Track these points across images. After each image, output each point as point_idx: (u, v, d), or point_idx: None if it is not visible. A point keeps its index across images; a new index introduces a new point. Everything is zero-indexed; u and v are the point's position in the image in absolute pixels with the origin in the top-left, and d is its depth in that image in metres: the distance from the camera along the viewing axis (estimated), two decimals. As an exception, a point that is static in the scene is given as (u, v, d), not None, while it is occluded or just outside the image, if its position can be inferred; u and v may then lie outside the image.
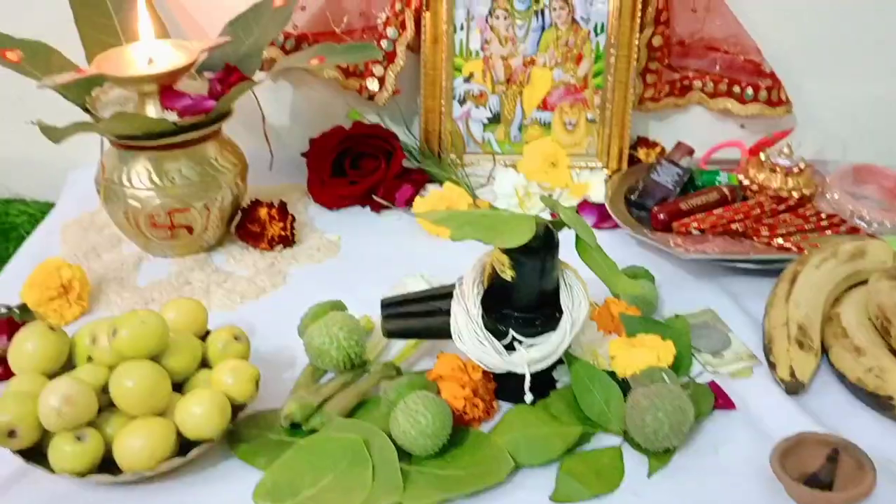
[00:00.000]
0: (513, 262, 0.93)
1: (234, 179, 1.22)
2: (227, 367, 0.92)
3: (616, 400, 0.96)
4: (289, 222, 1.26)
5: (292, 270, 1.23)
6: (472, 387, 0.95)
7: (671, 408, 0.90)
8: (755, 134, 1.51)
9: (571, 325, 0.94)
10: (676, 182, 1.37)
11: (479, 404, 0.95)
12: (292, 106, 1.51)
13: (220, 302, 1.15)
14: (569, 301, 0.95)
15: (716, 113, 1.52)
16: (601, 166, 1.44)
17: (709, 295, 1.19)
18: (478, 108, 1.43)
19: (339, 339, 0.98)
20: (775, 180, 1.33)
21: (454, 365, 0.96)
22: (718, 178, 1.39)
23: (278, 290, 1.19)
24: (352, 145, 1.38)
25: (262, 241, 1.25)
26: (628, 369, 0.98)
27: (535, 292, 0.95)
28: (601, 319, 1.06)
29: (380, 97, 1.43)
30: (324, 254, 1.27)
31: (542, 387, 0.98)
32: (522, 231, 0.90)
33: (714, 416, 0.99)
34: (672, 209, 1.31)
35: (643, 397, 0.92)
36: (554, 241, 0.94)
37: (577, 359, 0.98)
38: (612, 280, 0.92)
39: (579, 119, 1.44)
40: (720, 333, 1.11)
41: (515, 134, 1.45)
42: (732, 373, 1.05)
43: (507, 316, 0.95)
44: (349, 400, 0.96)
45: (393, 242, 1.30)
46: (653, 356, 0.97)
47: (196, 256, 1.24)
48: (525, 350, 0.93)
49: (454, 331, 0.95)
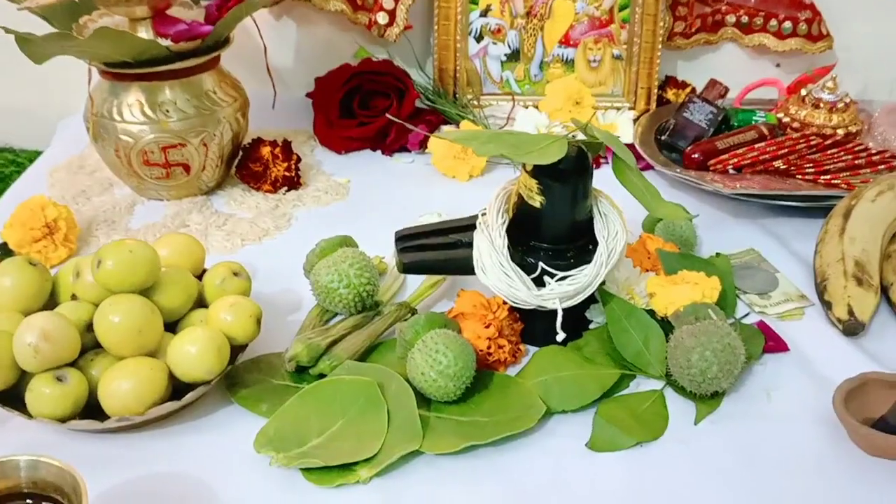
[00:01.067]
0: (542, 188, 0.83)
1: (233, 114, 1.12)
2: (226, 304, 0.82)
3: (656, 340, 0.86)
4: (293, 162, 1.17)
5: (298, 213, 1.14)
6: (496, 326, 0.86)
7: (720, 346, 0.81)
8: (790, 74, 1.41)
9: (608, 257, 0.84)
10: (710, 121, 1.27)
11: (504, 345, 0.86)
12: (296, 45, 1.42)
13: (219, 244, 1.06)
14: (604, 231, 0.86)
15: (749, 51, 1.42)
16: (628, 107, 1.34)
17: (751, 236, 1.09)
18: (495, 45, 1.33)
19: (349, 276, 0.89)
20: (818, 117, 1.23)
21: (477, 302, 0.87)
22: (755, 117, 1.29)
23: (283, 233, 1.10)
24: (360, 83, 1.28)
25: (266, 182, 1.16)
26: (669, 307, 0.88)
27: (567, 222, 0.86)
28: (636, 256, 0.96)
29: (390, 33, 1.33)
30: (331, 196, 1.17)
31: (575, 327, 0.88)
32: (553, 150, 0.80)
33: (764, 360, 0.89)
34: (707, 148, 1.21)
35: (688, 335, 0.82)
36: (587, 163, 0.84)
37: (613, 296, 0.88)
38: (654, 205, 0.82)
39: (604, 56, 1.34)
40: (766, 273, 1.01)
41: (536, 72, 1.35)
42: (782, 314, 0.95)
43: (536, 248, 0.86)
44: (361, 342, 0.87)
45: (406, 186, 1.21)
46: (697, 292, 0.88)
47: (194, 199, 1.15)
48: (556, 284, 0.84)
49: (477, 264, 0.85)
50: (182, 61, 1.05)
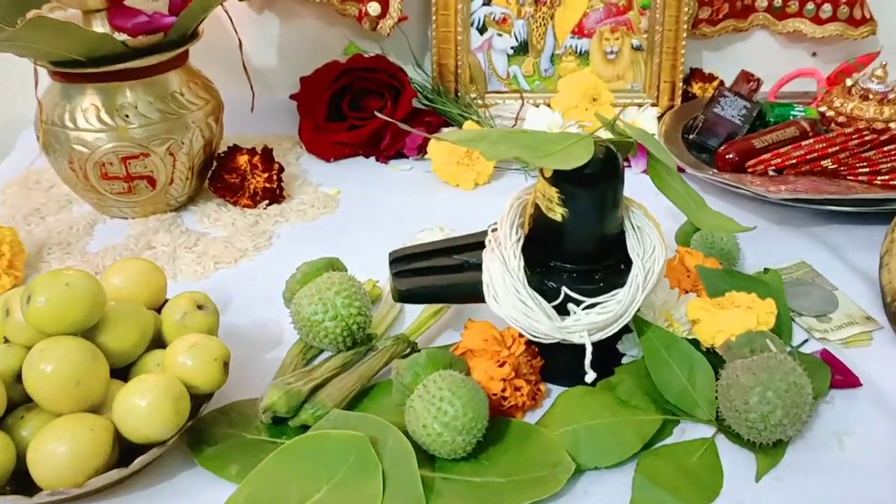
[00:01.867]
0: (563, 197, 0.69)
1: (204, 119, 0.98)
2: (185, 345, 0.68)
3: (704, 376, 0.72)
4: (275, 172, 1.03)
5: (280, 230, 1.00)
6: (512, 364, 0.71)
7: (784, 386, 0.67)
8: (828, 63, 1.27)
9: (644, 279, 0.70)
10: (745, 117, 1.13)
11: (522, 387, 0.72)
12: (280, 42, 1.28)
13: (188, 269, 0.92)
14: (638, 247, 0.71)
15: (782, 38, 1.28)
16: (650, 102, 1.20)
17: (799, 247, 0.96)
18: (501, 37, 1.19)
19: (335, 306, 0.75)
20: (868, 109, 1.09)
21: (488, 335, 0.73)
22: (794, 111, 1.16)
23: (262, 254, 0.96)
24: (350, 82, 1.14)
25: (243, 195, 1.02)
26: (718, 336, 0.74)
27: (594, 237, 0.71)
28: (673, 275, 0.82)
29: (383, 25, 1.19)
30: (319, 210, 1.03)
31: (604, 362, 0.74)
32: (578, 151, 0.66)
33: (832, 397, 0.75)
34: (743, 147, 1.07)
35: (744, 372, 0.68)
36: (618, 167, 0.70)
37: (650, 324, 0.74)
38: (700, 215, 0.68)
39: (623, 46, 1.20)
40: (823, 291, 0.87)
41: (546, 66, 1.21)
42: (846, 340, 0.81)
43: (558, 269, 0.72)
44: (351, 385, 0.73)
45: (403, 197, 1.07)
46: (750, 318, 0.74)
47: (162, 216, 1.01)
48: (583, 313, 0.70)
49: (487, 290, 0.71)
50: (143, 58, 0.92)
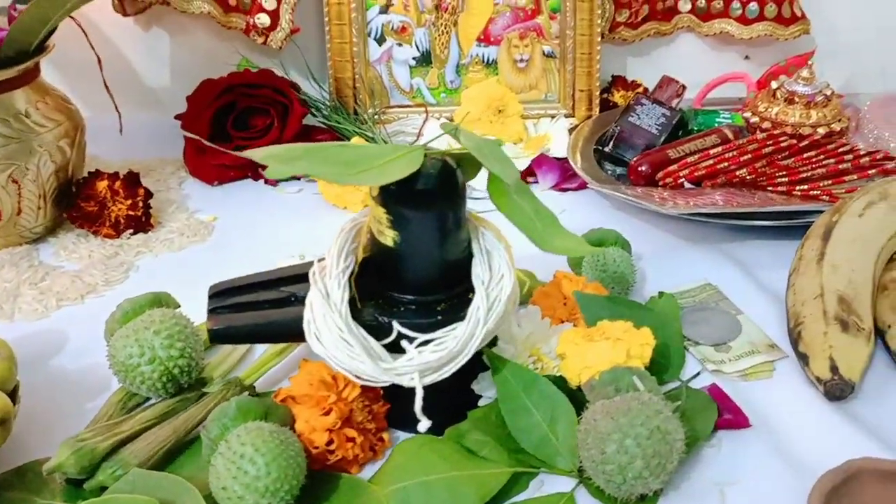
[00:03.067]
0: (393, 219, 0.60)
1: (55, 142, 0.90)
2: (-45, 399, 0.59)
3: (567, 421, 0.63)
4: (140, 198, 0.94)
5: (142, 262, 0.91)
6: (341, 412, 0.62)
7: (645, 431, 0.57)
8: (762, 66, 1.18)
9: (487, 311, 0.61)
10: (662, 126, 1.04)
11: (355, 438, 0.62)
12: (172, 60, 1.20)
13: (28, 307, 0.83)
14: (485, 274, 0.62)
15: (711, 40, 1.19)
16: (564, 114, 1.11)
17: (710, 266, 0.86)
18: (401, 47, 1.11)
19: (153, 347, 0.66)
20: (794, 114, 1.00)
21: (317, 378, 0.63)
22: (719, 118, 1.07)
23: (114, 289, 0.87)
24: (234, 99, 1.06)
25: (103, 224, 0.93)
26: (584, 373, 0.64)
27: (434, 263, 0.62)
28: (548, 303, 0.73)
29: (274, 38, 1.10)
30: (188, 239, 0.94)
31: (457, 405, 0.65)
32: (400, 166, 0.57)
33: (718, 439, 0.65)
34: (657, 158, 0.98)
35: (603, 416, 0.58)
36: (456, 183, 0.61)
37: (506, 362, 0.65)
38: (546, 237, 0.59)
39: (534, 54, 1.11)
40: (726, 316, 0.77)
41: (452, 77, 1.12)
42: (745, 372, 0.71)
43: (395, 302, 0.63)
44: (163, 439, 0.64)
45: (286, 222, 0.98)
46: (619, 351, 0.64)
47: (14, 250, 0.92)
48: (416, 351, 0.60)
49: (309, 327, 0.62)
50: (-25, 77, 0.84)
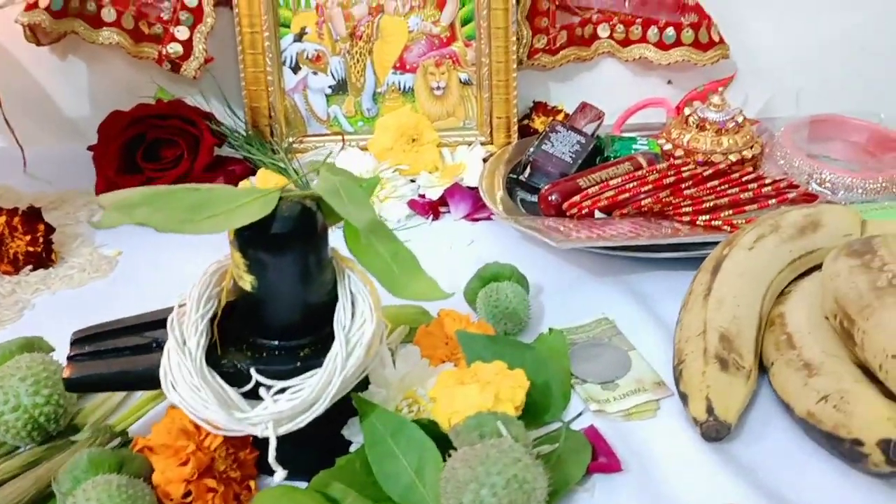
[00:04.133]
0: (249, 263, 0.59)
1: (-52, 178, 0.88)
2: None
3: (434, 466, 0.61)
4: (41, 234, 0.92)
5: (39, 300, 0.89)
6: (200, 461, 0.60)
7: (502, 481, 0.56)
8: (686, 91, 1.17)
9: (346, 357, 0.60)
10: (577, 153, 1.03)
11: (216, 488, 0.61)
12: (89, 89, 1.18)
13: (-87, 349, 0.81)
14: (345, 319, 0.61)
15: (632, 66, 1.19)
16: (481, 141, 1.10)
17: (610, 300, 0.85)
18: (316, 75, 1.10)
19: (18, 394, 0.64)
20: (705, 141, 0.99)
21: (177, 427, 0.62)
22: (635, 145, 1.06)
23: (6, 328, 0.85)
24: (143, 131, 1.04)
25: (1, 261, 0.91)
26: (453, 417, 0.63)
27: (296, 307, 0.61)
28: (430, 342, 0.72)
29: (187, 68, 1.09)
30: (88, 275, 0.93)
31: (326, 451, 0.63)
32: (250, 210, 0.56)
33: (592, 483, 0.64)
34: (566, 187, 0.97)
35: (462, 465, 0.57)
36: (314, 225, 0.60)
37: (374, 407, 0.63)
38: (401, 282, 0.57)
39: (450, 81, 1.10)
40: (616, 353, 0.76)
41: (369, 105, 1.11)
42: (629, 411, 0.70)
43: (256, 347, 0.62)
44: (23, 491, 0.62)
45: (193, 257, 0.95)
46: (487, 395, 0.63)
47: None
48: (271, 400, 0.59)
49: (164, 374, 0.60)
50: None
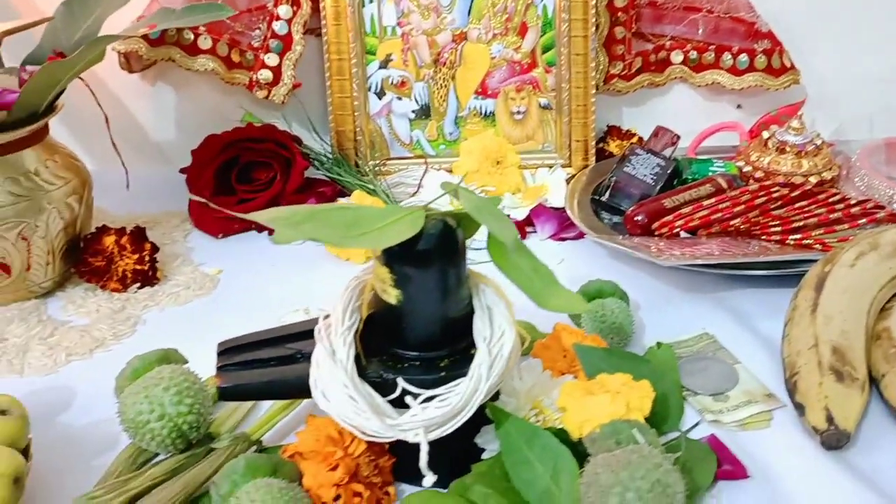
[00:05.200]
0: (396, 278, 0.62)
1: (64, 199, 0.92)
2: (-31, 460, 0.60)
3: (569, 474, 0.64)
4: (147, 253, 0.96)
5: (148, 316, 0.92)
6: (348, 467, 0.63)
7: (646, 485, 0.58)
8: (755, 115, 1.21)
9: (490, 366, 0.62)
10: (657, 175, 1.06)
11: (362, 493, 0.63)
12: (177, 114, 1.22)
13: (38, 362, 0.85)
14: (486, 330, 0.64)
15: (704, 91, 1.22)
16: (561, 163, 1.14)
17: (707, 316, 0.88)
18: (400, 101, 1.13)
19: (163, 404, 0.67)
20: (785, 163, 1.02)
21: (324, 434, 0.65)
22: (712, 167, 1.09)
23: (121, 343, 0.88)
24: (237, 154, 1.08)
25: (111, 279, 0.95)
26: (585, 426, 0.66)
27: (436, 320, 0.64)
28: (548, 355, 0.74)
29: (276, 93, 1.13)
30: (193, 292, 0.96)
31: (462, 458, 0.66)
32: (401, 228, 0.59)
33: (718, 490, 0.66)
34: (652, 208, 1.00)
35: (604, 469, 0.60)
36: (456, 242, 0.63)
37: (508, 415, 0.66)
38: (544, 295, 0.60)
39: (530, 106, 1.14)
40: (723, 366, 0.79)
41: (451, 130, 1.15)
42: (743, 421, 0.73)
43: (399, 358, 0.64)
44: (172, 496, 0.65)
45: (290, 274, 1.00)
46: (618, 404, 0.66)
47: (23, 304, 0.93)
48: (420, 408, 0.62)
49: (315, 384, 0.63)
50: (-13, 137, 0.86)
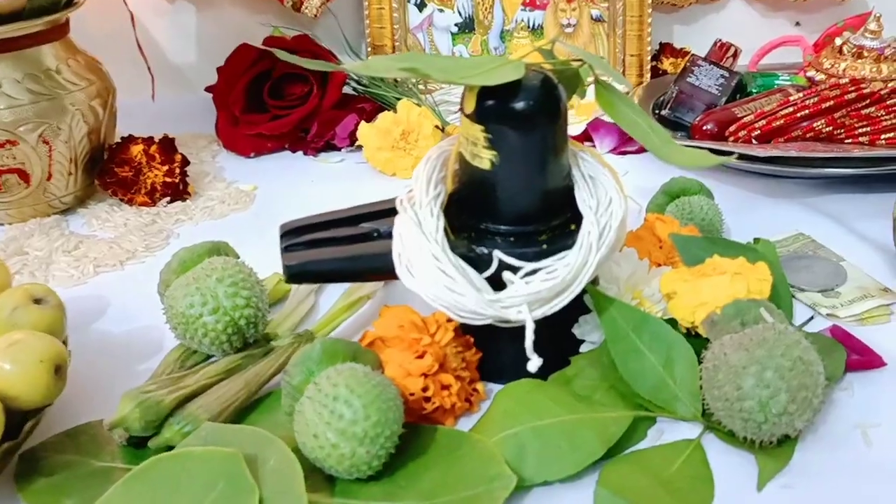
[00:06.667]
0: (491, 138, 0.54)
1: (87, 102, 0.84)
2: (5, 344, 0.52)
3: (685, 362, 0.56)
4: (177, 165, 0.88)
5: (181, 229, 0.84)
6: (436, 355, 0.55)
7: (787, 362, 0.51)
8: (812, 33, 1.13)
9: (600, 237, 0.55)
10: (723, 87, 0.99)
11: (451, 385, 0.56)
12: (198, 35, 1.14)
13: (63, 274, 0.76)
14: (591, 200, 0.56)
15: (761, 7, 1.15)
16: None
17: (795, 219, 0.81)
18: (442, 12, 1.05)
19: (217, 296, 0.59)
20: (863, 69, 0.95)
21: (405, 320, 0.57)
22: (778, 80, 1.01)
23: (155, 255, 0.80)
24: (270, 67, 1.00)
25: (139, 191, 0.87)
26: (699, 311, 0.58)
27: (534, 189, 0.56)
28: (642, 246, 0.67)
29: (308, 6, 1.05)
30: (229, 207, 0.88)
31: (558, 350, 0.59)
32: (504, 71, 0.51)
33: (848, 382, 0.59)
34: (722, 117, 0.93)
35: (734, 349, 0.52)
36: (559, 100, 0.55)
37: (612, 300, 0.58)
38: (666, 149, 0.53)
39: (581, 18, 1.06)
40: (827, 263, 0.72)
41: (496, 44, 1.07)
42: (861, 316, 0.65)
43: (490, 232, 0.57)
44: (234, 393, 0.57)
45: (331, 190, 0.92)
46: (739, 285, 0.58)
47: (43, 220, 0.85)
48: (522, 282, 0.54)
49: (399, 259, 0.56)
50: (5, 26, 0.77)
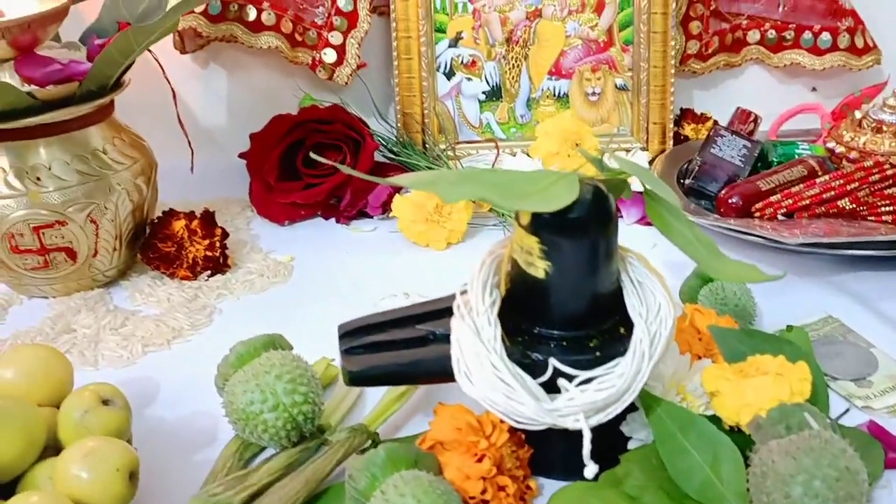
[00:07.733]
0: (545, 248, 0.57)
1: (132, 180, 0.86)
2: (80, 453, 0.54)
3: (731, 463, 0.59)
4: (217, 238, 0.90)
5: (223, 305, 0.86)
6: (494, 457, 0.57)
7: (834, 472, 0.53)
8: (829, 99, 1.16)
9: (651, 345, 0.57)
10: (746, 157, 1.02)
11: (507, 486, 0.58)
12: (229, 98, 1.16)
13: (112, 353, 0.79)
14: (641, 306, 0.58)
15: (778, 73, 1.18)
16: (639, 147, 1.09)
17: (823, 299, 0.83)
18: (470, 81, 1.08)
19: (276, 393, 0.61)
20: (882, 143, 0.98)
21: (462, 422, 0.59)
22: (798, 150, 1.04)
23: (200, 333, 0.82)
24: (304, 136, 1.02)
25: (181, 266, 0.89)
26: (744, 411, 0.61)
27: (586, 295, 0.59)
28: (681, 338, 0.69)
29: (340, 73, 1.08)
30: (268, 280, 0.90)
31: (607, 449, 0.61)
32: (559, 192, 0.54)
33: (887, 480, 0.61)
34: (747, 190, 0.95)
35: (782, 456, 0.55)
36: (610, 210, 0.58)
37: (660, 400, 0.61)
38: (714, 263, 0.55)
39: (606, 87, 1.09)
40: (858, 349, 0.74)
41: (523, 112, 1.09)
42: (893, 408, 0.68)
43: (543, 337, 0.59)
44: (295, 492, 0.59)
45: (366, 261, 0.94)
46: (782, 387, 0.60)
47: (87, 294, 0.87)
48: (577, 390, 0.56)
49: (458, 366, 0.58)
50: (56, 111, 0.80)
